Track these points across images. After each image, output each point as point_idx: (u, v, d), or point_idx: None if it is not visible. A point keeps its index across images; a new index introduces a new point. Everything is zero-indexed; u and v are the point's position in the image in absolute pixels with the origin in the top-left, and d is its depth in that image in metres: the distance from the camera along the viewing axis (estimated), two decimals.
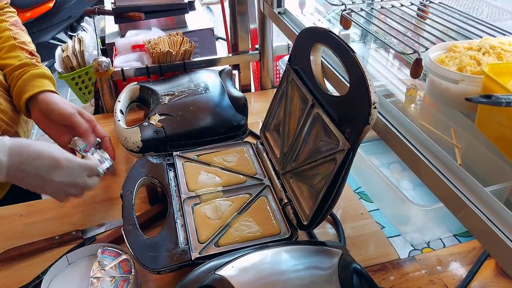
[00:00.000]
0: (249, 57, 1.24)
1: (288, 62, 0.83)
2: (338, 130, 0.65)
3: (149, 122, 0.90)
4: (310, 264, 0.60)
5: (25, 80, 0.86)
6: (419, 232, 0.79)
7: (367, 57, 1.10)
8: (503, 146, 0.53)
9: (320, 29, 0.73)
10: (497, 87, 0.51)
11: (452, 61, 0.62)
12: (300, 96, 0.78)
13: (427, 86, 0.67)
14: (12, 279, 0.72)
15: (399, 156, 0.60)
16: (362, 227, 0.81)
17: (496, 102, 0.43)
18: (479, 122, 0.56)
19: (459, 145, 0.65)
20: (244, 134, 0.95)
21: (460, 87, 0.58)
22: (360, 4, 0.87)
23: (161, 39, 1.16)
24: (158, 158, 0.85)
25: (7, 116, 0.89)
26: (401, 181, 0.90)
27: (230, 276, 0.57)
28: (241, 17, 1.17)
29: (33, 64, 0.89)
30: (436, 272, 0.72)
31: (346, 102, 0.65)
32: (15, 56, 0.89)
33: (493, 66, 0.54)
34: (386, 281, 0.71)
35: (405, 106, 0.82)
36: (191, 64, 1.14)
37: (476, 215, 0.47)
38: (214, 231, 0.71)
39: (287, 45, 1.25)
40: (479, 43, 0.64)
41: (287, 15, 1.03)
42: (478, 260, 0.73)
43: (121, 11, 1.31)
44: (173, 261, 0.65)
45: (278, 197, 0.77)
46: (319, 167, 0.70)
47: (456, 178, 0.51)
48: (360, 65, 0.60)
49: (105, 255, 0.69)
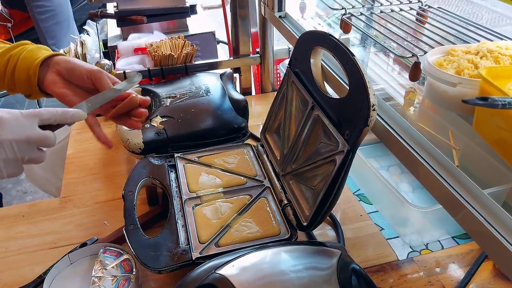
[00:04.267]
0: (250, 61, 1.25)
1: (288, 65, 0.84)
2: (338, 132, 0.65)
3: (151, 124, 0.91)
4: (309, 264, 0.60)
5: (32, 50, 0.73)
6: (418, 234, 0.79)
7: (367, 61, 1.11)
8: (501, 149, 0.54)
9: (320, 32, 0.74)
10: (494, 90, 0.51)
11: (450, 64, 0.63)
12: (300, 98, 0.79)
13: (425, 89, 0.68)
14: (14, 278, 0.73)
15: (398, 158, 0.61)
16: (361, 228, 0.82)
17: (492, 104, 0.44)
18: (477, 124, 0.57)
19: (457, 147, 0.66)
20: (245, 137, 0.95)
21: (458, 90, 0.59)
22: (360, 8, 0.88)
23: (163, 42, 1.17)
24: (160, 159, 0.86)
25: None
26: (400, 183, 0.91)
27: (230, 275, 0.58)
28: (242, 20, 1.18)
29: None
30: (434, 274, 0.73)
31: (346, 104, 0.65)
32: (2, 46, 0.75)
33: (490, 69, 0.55)
34: (384, 282, 0.72)
35: (404, 109, 0.83)
36: (193, 67, 1.15)
37: (474, 217, 0.47)
38: (215, 231, 0.71)
39: (287, 49, 1.26)
40: (477, 47, 0.65)
41: (287, 19, 1.04)
42: (476, 262, 0.74)
43: (123, 15, 1.32)
44: (174, 261, 0.66)
45: (278, 198, 0.78)
46: (318, 168, 0.71)
47: (455, 180, 0.52)
48: (360, 68, 0.61)
49: (107, 254, 0.70)
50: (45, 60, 0.71)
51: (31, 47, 0.73)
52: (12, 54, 0.73)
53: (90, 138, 1.10)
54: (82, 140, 1.10)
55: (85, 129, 1.14)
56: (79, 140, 1.09)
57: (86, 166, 1.01)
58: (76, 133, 1.12)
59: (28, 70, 0.72)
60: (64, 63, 0.72)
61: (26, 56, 0.73)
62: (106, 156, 1.04)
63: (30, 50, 0.73)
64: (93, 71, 0.70)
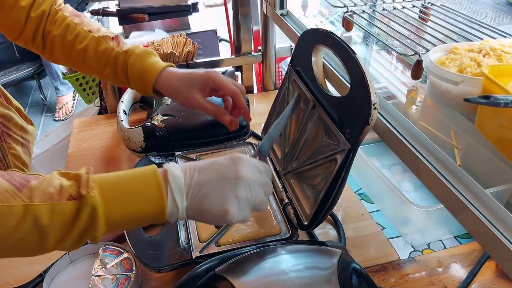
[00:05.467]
0: (252, 59, 1.25)
1: (290, 63, 0.83)
2: (339, 131, 0.65)
3: (152, 122, 0.91)
4: (310, 264, 0.60)
5: (142, 58, 0.75)
6: (420, 233, 0.79)
7: (369, 59, 1.10)
8: (504, 148, 0.53)
9: (322, 30, 0.73)
10: (496, 88, 0.51)
11: (453, 62, 0.62)
12: (301, 96, 0.79)
13: (427, 87, 0.67)
14: (15, 276, 0.73)
15: (399, 156, 0.60)
16: (362, 228, 0.81)
17: (494, 103, 0.44)
18: (479, 123, 0.56)
19: (459, 146, 0.65)
20: (246, 135, 0.95)
21: (460, 89, 0.59)
22: (362, 6, 0.87)
23: (165, 40, 1.17)
24: (160, 158, 0.86)
25: (19, 161, 0.88)
26: (402, 182, 0.90)
27: (230, 275, 0.57)
28: (244, 19, 1.17)
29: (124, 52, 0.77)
30: (436, 274, 0.72)
31: (347, 102, 0.65)
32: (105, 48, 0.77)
33: (493, 67, 0.55)
34: (386, 282, 0.71)
35: (406, 107, 0.82)
36: (194, 65, 1.15)
37: (476, 217, 0.47)
38: (215, 230, 0.71)
39: (289, 47, 1.26)
40: (479, 45, 0.64)
41: (289, 17, 1.04)
42: (478, 262, 0.73)
43: (125, 13, 1.32)
44: (174, 260, 0.66)
45: (279, 197, 0.78)
46: (319, 167, 0.70)
47: (456, 179, 0.51)
48: (361, 66, 0.61)
49: (107, 253, 0.70)
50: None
51: (140, 53, 0.76)
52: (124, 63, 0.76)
53: (91, 136, 1.10)
54: (83, 138, 1.10)
55: (86, 127, 1.14)
56: (80, 139, 1.09)
57: (87, 164, 1.00)
58: (77, 131, 1.12)
59: (144, 84, 0.76)
60: (177, 73, 0.74)
61: (139, 70, 0.75)
62: (107, 155, 1.03)
63: (140, 59, 0.75)
64: (207, 76, 0.72)
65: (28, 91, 3.25)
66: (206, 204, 0.51)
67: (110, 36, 0.79)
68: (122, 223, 0.49)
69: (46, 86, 3.17)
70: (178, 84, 0.73)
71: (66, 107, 2.92)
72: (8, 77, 2.75)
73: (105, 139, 1.08)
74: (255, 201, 0.54)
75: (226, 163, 0.54)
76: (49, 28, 0.78)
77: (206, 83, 0.72)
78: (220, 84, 0.72)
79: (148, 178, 0.50)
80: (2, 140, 0.84)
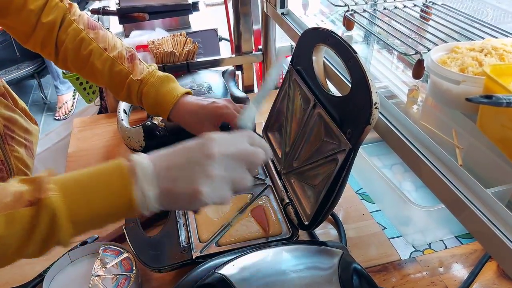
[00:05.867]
0: (252, 58, 1.24)
1: (290, 62, 0.83)
2: (340, 130, 0.65)
3: (152, 121, 0.90)
4: (310, 264, 0.60)
5: (157, 87, 0.77)
6: (421, 233, 0.78)
7: (370, 58, 1.10)
8: (505, 148, 0.53)
9: (323, 29, 0.73)
10: (498, 87, 0.50)
11: (454, 62, 0.62)
12: (302, 96, 0.78)
13: (429, 87, 0.67)
14: (15, 276, 0.73)
15: (400, 156, 0.60)
16: (363, 228, 0.81)
17: (496, 103, 0.43)
18: (481, 123, 0.56)
19: (460, 146, 0.65)
20: None
21: (462, 88, 0.58)
22: (363, 5, 0.87)
23: (165, 39, 1.17)
24: None
25: (22, 163, 0.88)
26: (403, 182, 0.90)
27: (230, 275, 0.57)
28: (245, 18, 1.17)
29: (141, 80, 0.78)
30: (437, 274, 0.72)
31: (348, 102, 0.65)
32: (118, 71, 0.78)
33: (495, 67, 0.54)
34: (387, 282, 0.71)
35: (407, 107, 0.82)
36: (195, 64, 1.15)
37: (477, 217, 0.47)
38: (215, 230, 0.71)
39: (290, 46, 1.25)
40: (481, 44, 0.64)
41: (290, 16, 1.03)
42: (479, 262, 0.73)
43: (125, 12, 1.32)
44: (174, 260, 0.66)
45: (279, 197, 0.77)
46: (320, 167, 0.70)
47: (458, 179, 0.51)
48: (362, 65, 0.61)
49: (107, 253, 0.69)
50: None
51: (154, 82, 0.78)
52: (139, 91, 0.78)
53: (92, 136, 1.09)
54: (84, 138, 1.09)
55: (86, 127, 1.14)
56: (81, 139, 1.09)
57: (87, 164, 1.00)
58: (77, 131, 1.12)
59: (158, 113, 0.79)
60: (189, 106, 0.77)
61: (154, 99, 0.78)
62: (107, 154, 1.03)
63: (154, 89, 0.77)
64: (217, 112, 0.75)
65: (29, 90, 3.25)
66: (176, 187, 0.48)
67: (125, 56, 0.79)
68: (91, 221, 0.46)
69: (47, 85, 3.17)
70: (190, 120, 0.77)
71: (66, 106, 2.92)
72: (9, 76, 2.76)
73: (105, 139, 1.08)
74: (233, 178, 0.50)
75: (195, 143, 0.51)
76: (62, 38, 0.78)
77: (216, 118, 0.74)
78: (229, 119, 0.74)
79: (112, 171, 0.47)
80: (5, 143, 0.84)
